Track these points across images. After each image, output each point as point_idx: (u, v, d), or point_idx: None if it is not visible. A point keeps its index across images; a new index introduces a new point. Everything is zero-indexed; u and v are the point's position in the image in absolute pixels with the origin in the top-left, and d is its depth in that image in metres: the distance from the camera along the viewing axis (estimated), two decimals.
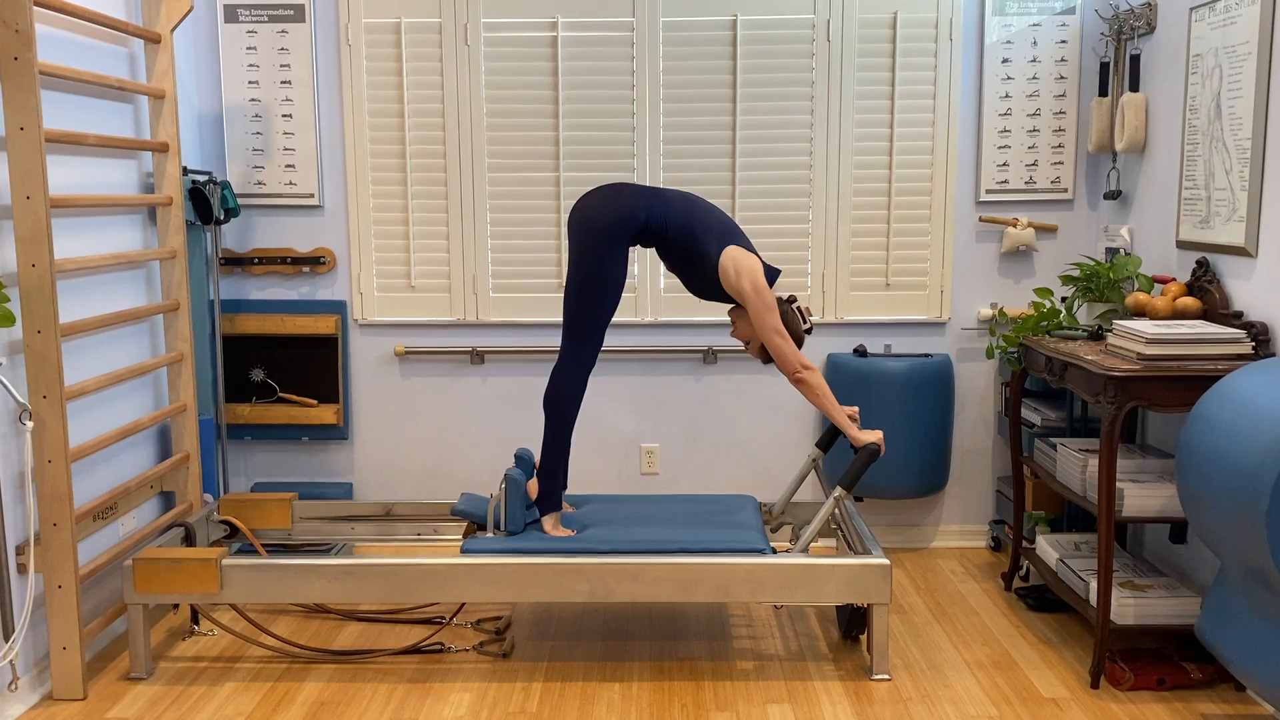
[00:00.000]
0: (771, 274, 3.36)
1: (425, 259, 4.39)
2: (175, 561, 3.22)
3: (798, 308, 3.42)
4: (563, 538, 3.35)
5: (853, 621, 3.49)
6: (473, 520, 3.50)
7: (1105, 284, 3.77)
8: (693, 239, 3.34)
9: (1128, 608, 3.22)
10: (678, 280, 4.35)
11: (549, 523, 3.42)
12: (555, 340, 4.40)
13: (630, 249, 3.38)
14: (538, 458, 3.51)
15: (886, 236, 4.35)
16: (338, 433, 4.46)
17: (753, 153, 4.31)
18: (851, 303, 4.39)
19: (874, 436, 3.32)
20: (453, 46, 4.27)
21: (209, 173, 4.10)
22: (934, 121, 4.29)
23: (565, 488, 3.51)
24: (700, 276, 3.38)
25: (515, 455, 3.57)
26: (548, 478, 3.42)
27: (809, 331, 3.43)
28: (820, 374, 3.35)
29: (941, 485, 4.35)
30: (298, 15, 4.27)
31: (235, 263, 4.39)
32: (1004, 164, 4.32)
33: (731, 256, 3.32)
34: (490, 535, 3.39)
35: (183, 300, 3.83)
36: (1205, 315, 3.40)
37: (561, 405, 3.37)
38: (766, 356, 3.44)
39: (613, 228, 3.29)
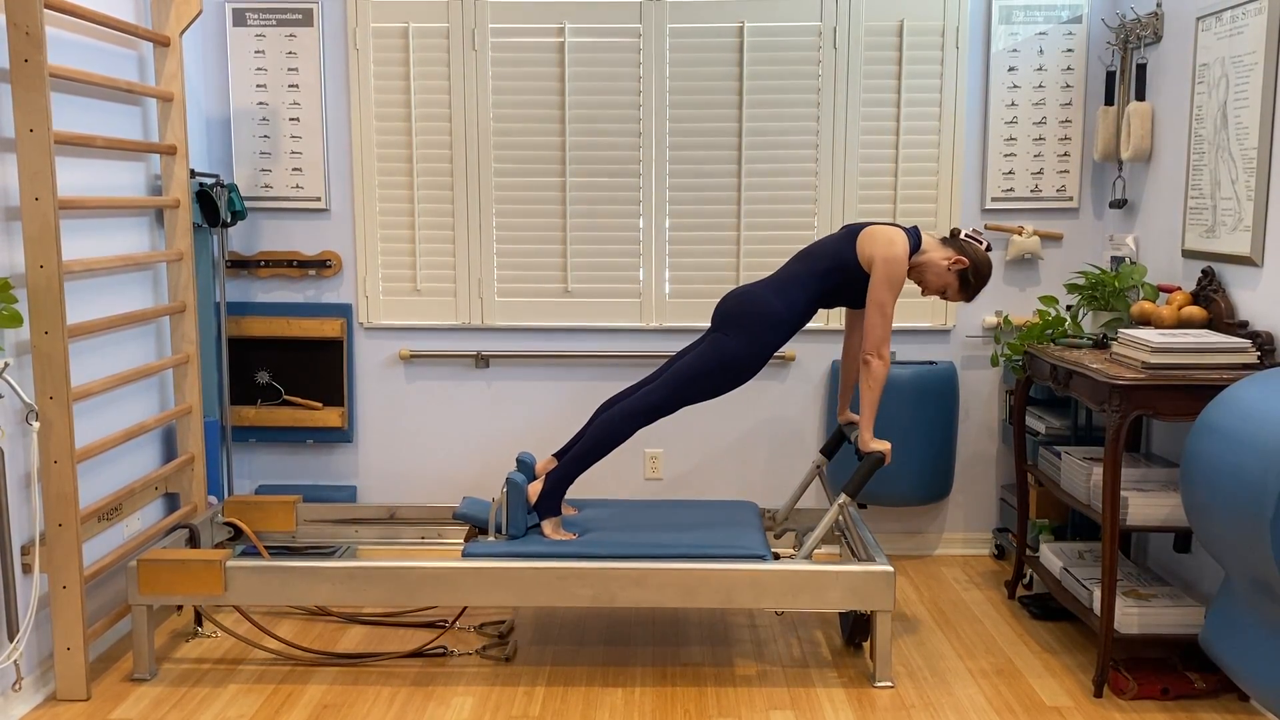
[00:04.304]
0: (913, 239, 3.36)
1: (431, 263, 4.39)
2: (179, 563, 3.23)
3: (969, 236, 3.40)
4: (564, 541, 3.34)
5: (856, 628, 3.49)
6: (474, 524, 3.50)
7: (1110, 292, 3.77)
8: (830, 274, 3.35)
9: (1132, 617, 3.22)
10: (681, 284, 4.38)
11: (549, 527, 3.40)
12: (559, 344, 4.41)
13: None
14: (539, 462, 3.50)
15: None
16: (342, 436, 4.46)
17: (759, 159, 4.31)
18: None
19: (883, 446, 3.32)
20: (460, 52, 4.28)
21: (216, 175, 4.11)
22: (939, 129, 4.29)
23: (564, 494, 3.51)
24: (860, 282, 3.37)
25: (517, 459, 3.57)
26: (557, 483, 3.39)
27: (988, 249, 3.40)
28: (887, 370, 3.33)
29: (945, 493, 4.35)
30: (306, 19, 4.28)
31: (241, 265, 4.40)
32: (1009, 172, 4.32)
33: (868, 236, 3.33)
34: (491, 539, 3.39)
35: (189, 302, 3.84)
36: (1210, 324, 3.39)
37: (613, 431, 3.36)
38: (943, 293, 3.43)
39: (778, 331, 3.34)
